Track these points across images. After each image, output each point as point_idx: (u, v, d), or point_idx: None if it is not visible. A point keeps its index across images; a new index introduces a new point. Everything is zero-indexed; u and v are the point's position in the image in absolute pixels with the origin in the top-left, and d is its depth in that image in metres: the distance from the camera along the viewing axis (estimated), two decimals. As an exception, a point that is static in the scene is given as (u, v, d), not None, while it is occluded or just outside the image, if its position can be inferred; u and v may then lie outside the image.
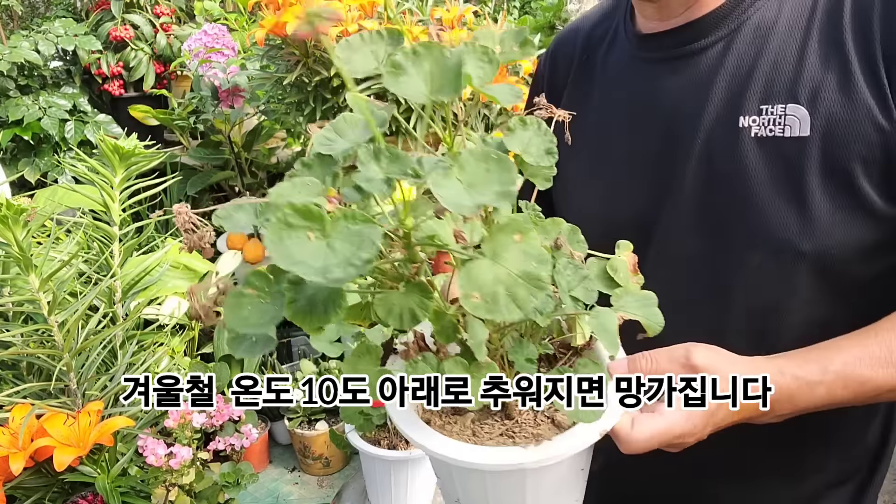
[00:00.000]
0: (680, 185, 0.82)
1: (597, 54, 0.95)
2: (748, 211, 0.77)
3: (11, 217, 1.21)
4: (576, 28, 1.02)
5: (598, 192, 0.93)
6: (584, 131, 0.89)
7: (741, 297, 0.82)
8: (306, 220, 0.41)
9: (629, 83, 0.90)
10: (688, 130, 0.81)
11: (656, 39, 0.86)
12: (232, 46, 2.67)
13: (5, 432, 1.20)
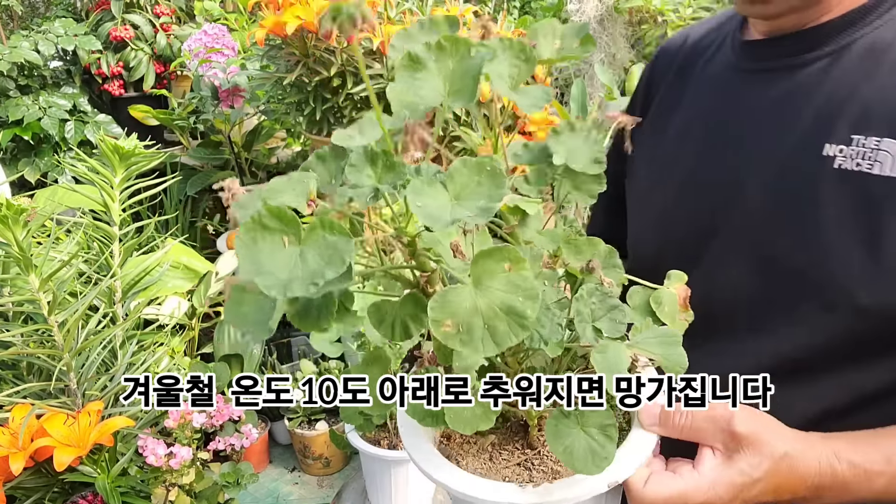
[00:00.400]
0: (741, 208, 0.75)
1: (697, 63, 0.89)
2: (810, 248, 0.69)
3: (11, 217, 1.21)
4: (685, 34, 0.95)
5: (656, 206, 0.87)
6: (661, 142, 0.85)
7: (778, 344, 0.74)
8: (281, 224, 0.38)
9: (717, 94, 0.83)
10: (763, 151, 0.74)
11: (757, 48, 0.79)
12: (232, 46, 2.67)
13: (5, 432, 1.20)
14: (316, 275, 0.36)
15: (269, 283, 0.36)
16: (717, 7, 3.01)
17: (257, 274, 0.36)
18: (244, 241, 0.37)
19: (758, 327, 0.75)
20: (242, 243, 0.37)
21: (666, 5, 2.89)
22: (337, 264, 0.36)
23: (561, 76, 3.07)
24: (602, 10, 2.95)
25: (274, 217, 0.38)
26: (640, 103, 0.95)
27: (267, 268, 0.36)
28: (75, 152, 2.77)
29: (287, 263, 0.37)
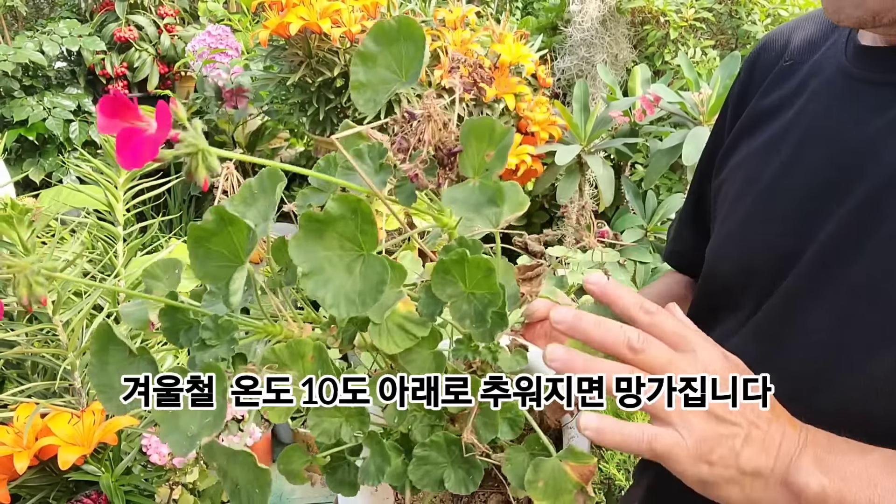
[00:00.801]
0: (825, 239, 0.65)
1: (805, 61, 0.78)
2: (893, 294, 0.59)
3: (16, 217, 1.22)
4: (789, 29, 0.84)
5: (738, 216, 0.78)
6: (758, 146, 0.77)
7: (835, 399, 0.63)
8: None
9: (824, 101, 0.72)
10: (861, 177, 0.64)
11: (876, 55, 0.68)
12: (235, 47, 2.67)
13: (10, 431, 1.21)
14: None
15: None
16: (718, 7, 3.01)
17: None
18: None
19: (826, 372, 0.64)
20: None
21: (668, 6, 2.89)
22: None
23: (563, 76, 3.07)
24: (604, 11, 2.95)
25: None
26: (733, 105, 0.86)
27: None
28: (80, 152, 2.78)
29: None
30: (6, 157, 2.99)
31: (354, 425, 0.52)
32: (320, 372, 0.50)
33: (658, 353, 0.51)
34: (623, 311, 0.53)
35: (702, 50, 2.92)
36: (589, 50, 2.98)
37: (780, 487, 0.53)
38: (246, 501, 0.50)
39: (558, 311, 0.51)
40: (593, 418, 0.50)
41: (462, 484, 0.52)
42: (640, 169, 2.67)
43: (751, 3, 2.94)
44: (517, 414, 0.54)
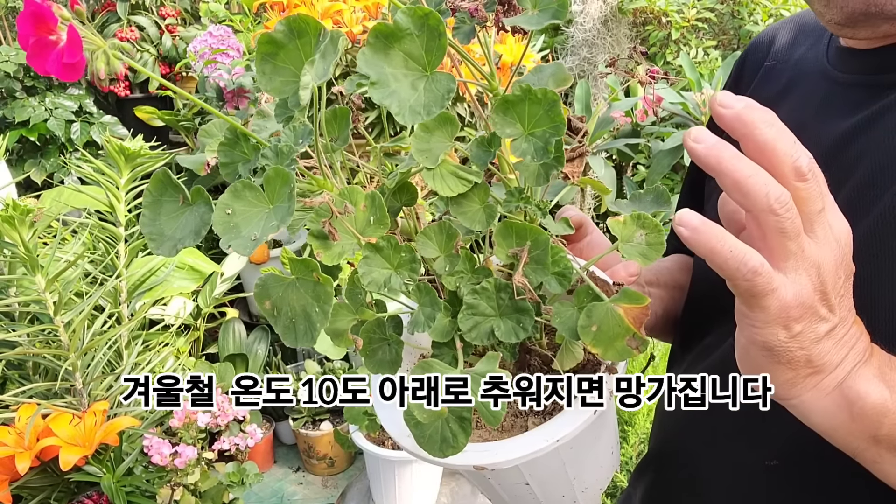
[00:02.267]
0: None
1: (788, 61, 0.78)
2: (879, 291, 0.59)
3: (18, 218, 1.22)
4: (774, 30, 0.85)
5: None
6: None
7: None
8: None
9: (805, 105, 0.72)
10: (840, 178, 0.62)
11: (855, 57, 0.67)
12: (237, 48, 2.67)
13: (11, 432, 1.21)
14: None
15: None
16: (720, 8, 3.01)
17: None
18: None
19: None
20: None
21: (670, 6, 2.89)
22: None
23: (565, 77, 3.07)
24: (606, 11, 2.95)
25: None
26: None
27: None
28: (81, 153, 2.79)
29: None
30: (8, 157, 2.99)
31: (405, 274, 0.50)
32: (373, 219, 0.48)
33: (818, 193, 0.44)
34: (767, 150, 0.43)
35: (704, 50, 2.92)
36: (591, 50, 2.98)
37: (833, 392, 0.48)
38: (304, 327, 0.46)
39: (725, 94, 0.42)
40: (694, 217, 0.42)
41: (513, 332, 0.50)
42: (641, 169, 2.67)
43: (753, 3, 2.94)
44: (567, 267, 0.51)
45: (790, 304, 0.44)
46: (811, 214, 0.44)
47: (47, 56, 0.40)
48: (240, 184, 0.45)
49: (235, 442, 1.42)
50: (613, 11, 2.96)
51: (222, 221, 0.44)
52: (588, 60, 2.99)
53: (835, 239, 0.45)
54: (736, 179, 0.41)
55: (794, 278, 0.44)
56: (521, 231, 0.51)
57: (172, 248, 0.47)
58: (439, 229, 0.52)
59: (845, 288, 0.47)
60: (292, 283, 0.47)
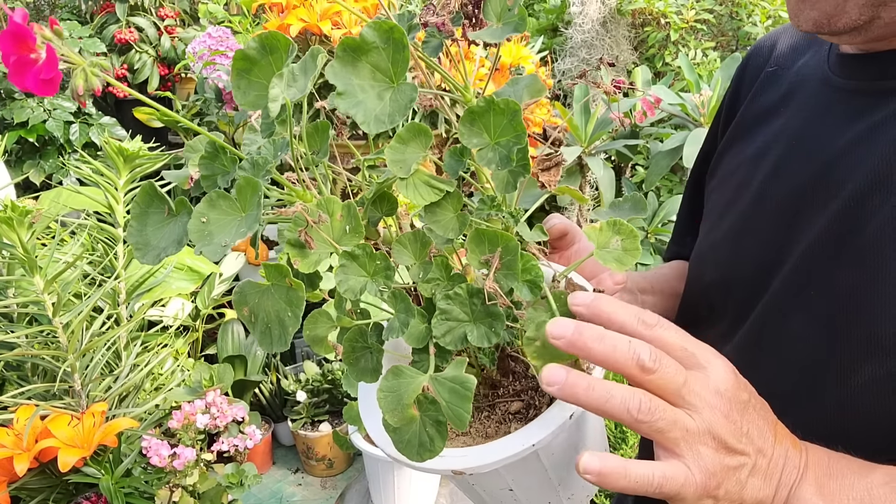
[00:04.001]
0: (805, 250, 0.65)
1: (789, 67, 0.78)
2: (876, 302, 0.58)
3: (16, 219, 1.22)
4: (775, 35, 0.84)
5: (724, 227, 0.78)
6: (742, 155, 0.77)
7: (827, 416, 0.62)
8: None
9: (804, 110, 0.72)
10: (837, 181, 0.64)
11: (855, 63, 0.67)
12: (236, 49, 2.67)
13: (10, 433, 1.20)
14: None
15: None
16: (719, 9, 3.01)
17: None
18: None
19: (811, 386, 0.63)
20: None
21: (669, 7, 2.89)
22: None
23: (564, 78, 3.07)
24: (605, 12, 2.95)
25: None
26: (725, 109, 0.86)
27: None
28: (80, 154, 2.78)
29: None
30: (6, 158, 2.99)
31: (380, 281, 0.51)
32: (348, 227, 0.50)
33: (672, 374, 0.46)
34: (620, 329, 0.47)
35: (702, 51, 2.92)
36: (589, 51, 2.98)
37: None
38: (278, 332, 0.48)
39: (555, 325, 0.46)
40: (594, 460, 0.44)
41: (485, 337, 0.51)
42: (640, 170, 2.67)
43: (751, 4, 2.94)
44: (538, 275, 0.52)
45: (703, 483, 0.45)
46: (676, 393, 0.46)
47: (27, 73, 0.42)
48: (214, 193, 0.47)
49: (234, 443, 1.42)
50: (612, 13, 2.96)
51: (197, 229, 0.46)
52: (587, 61, 2.99)
53: (712, 393, 0.46)
54: (597, 408, 0.45)
55: (693, 458, 0.45)
56: (493, 238, 0.52)
57: (156, 256, 0.49)
58: (413, 237, 0.54)
59: (748, 422, 0.48)
60: (267, 289, 0.49)
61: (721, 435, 0.46)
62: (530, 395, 0.64)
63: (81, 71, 0.44)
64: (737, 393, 0.48)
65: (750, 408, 0.48)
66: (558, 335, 0.45)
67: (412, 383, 0.48)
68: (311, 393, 2.08)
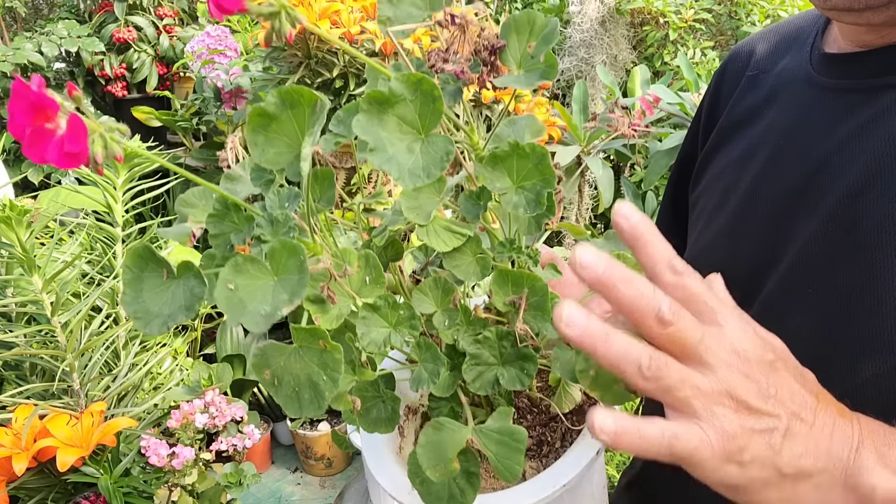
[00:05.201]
0: (798, 251, 0.65)
1: (770, 71, 0.78)
2: (875, 299, 0.58)
3: (15, 218, 1.22)
4: (753, 41, 0.84)
5: (713, 230, 0.78)
6: (730, 158, 0.77)
7: None
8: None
9: (789, 111, 0.72)
10: (826, 179, 0.64)
11: (841, 63, 0.68)
12: (234, 48, 2.67)
13: (8, 433, 1.20)
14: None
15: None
16: (718, 8, 3.01)
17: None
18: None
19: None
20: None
21: (668, 7, 2.89)
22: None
23: (563, 77, 3.07)
24: (604, 12, 2.95)
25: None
26: (705, 115, 0.86)
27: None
28: (78, 154, 2.77)
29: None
30: (5, 157, 2.98)
31: (405, 331, 0.50)
32: (368, 278, 0.49)
33: (688, 330, 0.42)
34: (647, 261, 0.44)
35: (701, 51, 2.92)
36: (588, 51, 2.98)
37: (838, 490, 0.44)
38: (310, 395, 0.44)
39: (585, 251, 0.41)
40: (609, 420, 0.41)
41: (517, 379, 0.50)
42: (639, 170, 2.67)
43: (750, 3, 2.94)
44: None
45: (721, 446, 0.42)
46: (691, 349, 0.43)
47: (46, 145, 0.39)
48: (240, 257, 0.43)
49: (233, 443, 1.42)
50: (611, 12, 2.96)
51: (225, 297, 0.42)
52: (586, 61, 2.99)
53: (729, 351, 0.43)
54: (611, 360, 0.42)
55: (708, 418, 0.42)
56: (518, 279, 0.51)
57: (162, 324, 0.45)
58: (434, 284, 0.52)
59: (775, 383, 0.44)
60: (295, 351, 0.45)
61: (740, 395, 0.42)
62: (540, 431, 0.63)
63: (99, 136, 0.40)
64: (760, 353, 0.44)
65: (777, 369, 0.45)
66: (587, 264, 0.41)
67: (455, 436, 0.47)
68: (310, 392, 2.08)
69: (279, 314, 0.41)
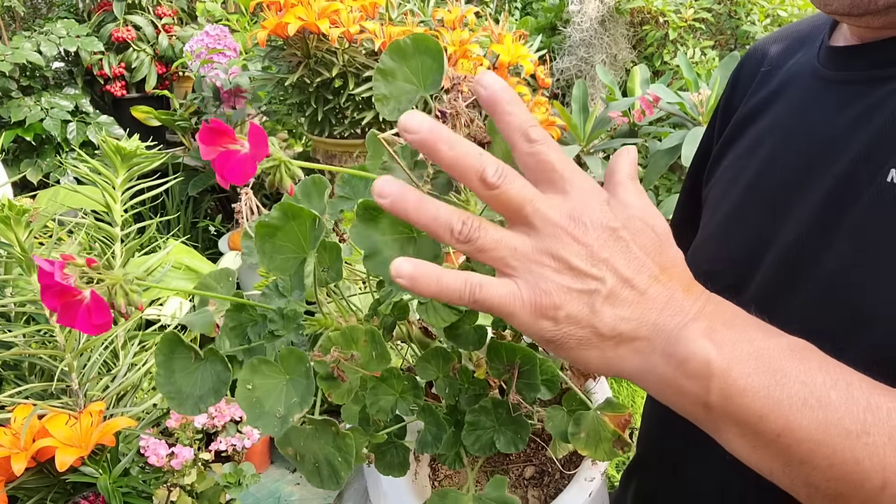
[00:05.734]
0: (794, 236, 0.66)
1: (782, 66, 0.80)
2: (864, 278, 0.59)
3: (14, 218, 1.22)
4: (772, 37, 0.86)
5: (717, 218, 0.79)
6: (738, 151, 0.79)
7: None
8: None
9: (796, 104, 0.74)
10: (822, 167, 0.65)
11: (845, 55, 0.69)
12: (234, 47, 2.67)
13: (7, 433, 1.20)
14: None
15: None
16: (717, 8, 3.01)
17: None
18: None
19: None
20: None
21: (667, 6, 2.89)
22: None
23: (562, 77, 3.07)
24: (603, 11, 2.95)
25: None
26: (721, 112, 0.88)
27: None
28: (77, 153, 2.78)
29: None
30: (3, 157, 2.98)
31: (409, 400, 0.56)
32: (374, 353, 0.53)
33: (516, 191, 0.42)
34: (504, 129, 0.44)
35: (701, 50, 2.92)
36: (588, 50, 2.98)
37: (657, 356, 0.44)
38: (328, 472, 0.50)
39: (412, 116, 0.41)
40: (406, 264, 0.42)
41: (511, 443, 0.55)
42: (639, 169, 2.67)
43: (750, 3, 2.94)
44: (553, 375, 0.56)
45: (532, 300, 0.42)
46: (517, 211, 0.43)
47: (75, 316, 0.46)
48: (256, 360, 0.50)
49: (232, 443, 1.42)
50: (611, 11, 2.96)
51: (245, 397, 0.48)
52: (585, 60, 2.99)
53: (564, 216, 0.43)
54: (423, 225, 0.42)
55: (524, 275, 0.43)
56: (510, 351, 0.55)
57: (195, 406, 0.51)
58: (436, 353, 0.57)
59: (613, 250, 0.44)
60: (312, 432, 0.51)
61: (564, 256, 0.43)
62: (541, 461, 0.69)
63: (119, 288, 0.46)
64: (602, 220, 0.44)
65: (621, 237, 0.44)
66: (413, 128, 0.41)
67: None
68: (310, 392, 2.08)
69: (292, 419, 0.47)
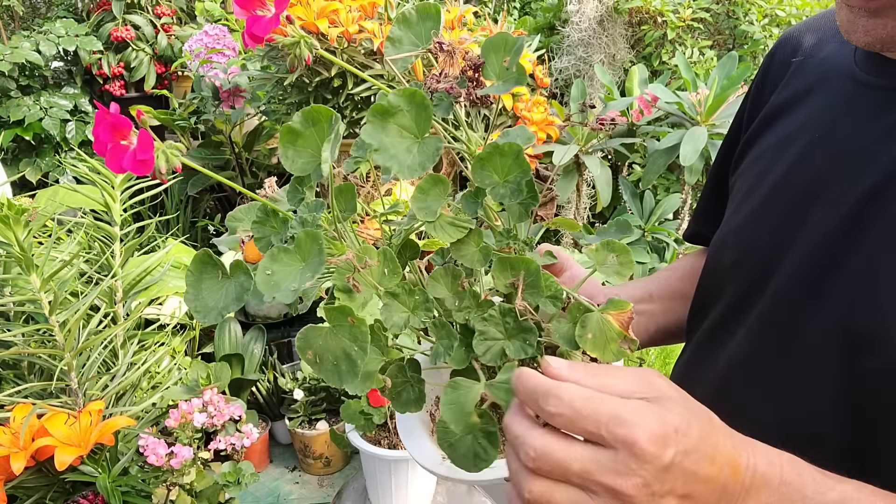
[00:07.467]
0: (819, 239, 0.66)
1: (815, 57, 0.79)
2: (878, 296, 0.60)
3: (13, 217, 1.22)
4: (804, 27, 0.84)
5: (744, 211, 0.79)
6: (769, 143, 0.79)
7: (819, 401, 0.64)
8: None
9: (830, 105, 0.73)
10: (858, 179, 0.65)
11: (882, 61, 0.68)
12: (233, 47, 2.67)
13: (6, 432, 1.20)
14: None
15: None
16: (716, 8, 3.01)
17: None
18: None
19: (819, 379, 0.64)
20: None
21: (666, 6, 2.90)
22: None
23: (561, 76, 3.08)
24: (602, 11, 2.96)
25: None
26: (751, 100, 0.87)
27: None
28: (76, 152, 2.78)
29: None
30: (3, 157, 2.98)
31: (421, 314, 0.58)
32: (387, 270, 0.57)
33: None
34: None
35: (699, 50, 2.92)
36: (586, 50, 2.98)
37: None
38: (346, 366, 0.53)
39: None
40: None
41: (521, 350, 0.57)
42: (637, 169, 2.67)
43: (748, 3, 2.95)
44: (558, 289, 0.59)
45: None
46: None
47: (124, 157, 0.52)
48: (276, 249, 0.54)
49: (231, 442, 1.42)
50: (609, 11, 2.96)
51: (264, 281, 0.53)
52: (584, 60, 2.99)
53: (625, 480, 0.45)
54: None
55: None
56: (515, 263, 0.59)
57: (217, 315, 0.56)
58: (445, 272, 0.61)
59: (674, 480, 0.45)
60: (329, 331, 0.53)
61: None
62: None
63: (162, 152, 0.52)
64: (657, 456, 0.44)
65: (674, 467, 0.45)
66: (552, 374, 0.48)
67: (470, 392, 0.54)
68: (309, 391, 2.08)
69: (304, 287, 0.52)
